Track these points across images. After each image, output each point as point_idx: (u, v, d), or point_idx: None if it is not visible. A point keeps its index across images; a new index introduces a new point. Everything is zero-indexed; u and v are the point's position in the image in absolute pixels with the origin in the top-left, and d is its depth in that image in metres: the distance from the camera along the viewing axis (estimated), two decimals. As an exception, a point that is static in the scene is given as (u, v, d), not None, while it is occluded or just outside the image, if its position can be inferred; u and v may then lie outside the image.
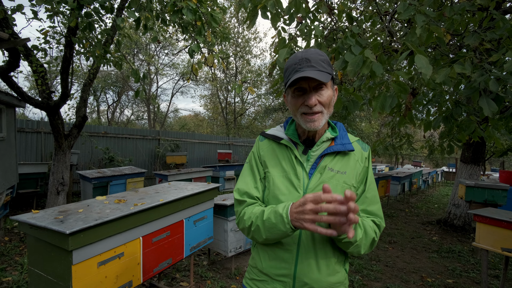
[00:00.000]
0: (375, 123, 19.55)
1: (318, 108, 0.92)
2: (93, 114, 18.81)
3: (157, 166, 9.02)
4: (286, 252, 0.96)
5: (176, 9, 2.15)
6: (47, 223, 1.61)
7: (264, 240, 0.95)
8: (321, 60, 0.92)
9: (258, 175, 1.06)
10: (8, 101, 3.81)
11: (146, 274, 2.06)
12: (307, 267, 0.94)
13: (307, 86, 0.91)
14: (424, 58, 1.51)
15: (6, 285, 2.76)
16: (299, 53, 0.94)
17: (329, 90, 0.95)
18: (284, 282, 0.96)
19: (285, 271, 0.96)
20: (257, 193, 1.03)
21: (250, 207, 1.01)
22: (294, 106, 0.96)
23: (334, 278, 0.96)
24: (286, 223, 0.85)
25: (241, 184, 1.06)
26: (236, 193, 1.06)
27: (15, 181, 4.31)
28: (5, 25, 3.40)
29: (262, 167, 1.06)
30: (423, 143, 4.88)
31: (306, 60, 0.90)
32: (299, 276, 0.94)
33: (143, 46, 15.50)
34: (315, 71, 0.88)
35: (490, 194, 4.37)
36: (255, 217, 0.96)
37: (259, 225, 0.93)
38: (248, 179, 1.06)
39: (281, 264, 0.96)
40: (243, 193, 1.04)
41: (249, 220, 0.97)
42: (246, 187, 1.04)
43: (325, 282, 0.94)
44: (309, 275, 0.94)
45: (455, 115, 2.80)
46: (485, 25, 2.20)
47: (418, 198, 9.83)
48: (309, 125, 0.93)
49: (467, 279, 3.47)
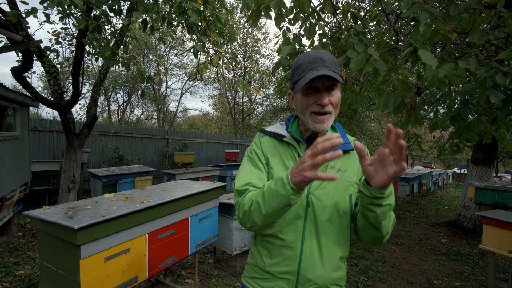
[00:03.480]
0: (385, 124, 19.29)
1: (329, 108, 0.92)
2: (104, 113, 19.16)
3: (166, 165, 9.13)
4: (289, 249, 0.96)
5: (181, 10, 2.20)
6: (56, 219, 1.67)
7: (263, 219, 0.88)
8: (333, 62, 0.92)
9: (263, 167, 1.02)
10: (22, 101, 3.94)
11: (151, 270, 2.11)
12: (311, 264, 0.94)
13: (320, 85, 0.91)
14: (428, 52, 1.50)
15: (19, 278, 2.86)
16: (312, 52, 0.94)
17: (339, 92, 0.96)
18: (288, 279, 0.96)
19: (289, 269, 0.95)
20: (261, 184, 0.98)
21: (251, 192, 0.95)
22: (304, 104, 0.94)
23: (337, 274, 0.97)
24: (286, 184, 0.80)
25: (243, 175, 1.01)
26: (238, 183, 1.00)
27: (29, 178, 4.45)
28: (19, 28, 3.52)
29: (265, 162, 1.03)
30: (433, 143, 4.81)
31: (321, 60, 0.90)
32: (303, 273, 0.94)
33: (152, 46, 15.71)
34: (331, 71, 0.88)
35: (500, 196, 4.27)
36: (255, 195, 0.91)
37: (259, 200, 0.87)
38: (250, 171, 1.01)
39: (284, 262, 0.96)
40: (245, 184, 0.98)
41: (249, 201, 0.91)
42: (249, 178, 0.99)
43: (329, 278, 0.95)
44: (314, 271, 0.94)
45: (463, 115, 2.75)
46: (493, 23, 2.16)
47: (427, 199, 9.66)
48: (318, 126, 0.92)
49: (475, 282, 3.41)
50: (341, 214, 0.97)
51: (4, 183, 3.45)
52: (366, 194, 0.83)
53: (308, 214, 0.96)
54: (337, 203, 0.97)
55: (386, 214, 0.85)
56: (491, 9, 2.02)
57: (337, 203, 0.97)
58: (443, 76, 1.68)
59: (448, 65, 1.65)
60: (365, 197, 0.84)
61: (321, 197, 0.96)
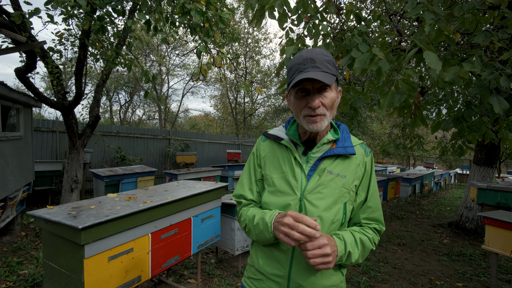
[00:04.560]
0: (387, 124, 19.25)
1: (321, 110, 0.90)
2: (106, 114, 19.22)
3: (167, 165, 9.15)
4: (281, 253, 0.97)
5: (184, 11, 2.20)
6: (60, 218, 1.68)
7: (256, 241, 1.03)
8: (326, 61, 0.89)
9: (254, 177, 1.09)
10: (25, 101, 3.96)
11: (154, 270, 2.11)
12: (301, 269, 0.94)
13: (310, 87, 0.89)
14: (433, 54, 1.50)
15: (22, 277, 2.88)
16: (304, 53, 0.92)
17: (333, 92, 0.92)
18: (279, 282, 0.97)
19: (280, 272, 0.96)
20: (251, 195, 1.08)
21: (245, 209, 1.07)
22: (297, 107, 0.93)
23: (328, 281, 0.96)
24: (270, 232, 0.91)
25: (238, 186, 1.13)
26: (234, 191, 1.13)
27: (32, 178, 4.47)
28: (23, 28, 3.53)
29: (259, 169, 1.08)
30: (435, 144, 4.80)
31: (310, 60, 0.88)
32: (293, 277, 0.95)
33: (154, 47, 15.75)
34: (320, 72, 0.86)
35: (503, 196, 4.26)
36: (248, 220, 1.01)
37: (251, 228, 1.00)
38: (244, 182, 1.11)
39: (276, 264, 0.97)
40: (239, 196, 1.10)
41: (243, 222, 1.05)
42: (242, 189, 1.10)
43: (319, 284, 0.94)
44: (303, 277, 0.94)
45: (467, 116, 2.74)
46: (497, 24, 2.16)
47: (429, 200, 9.64)
48: (311, 126, 0.91)
49: (477, 283, 3.40)
50: (333, 220, 0.95)
51: (8, 183, 3.46)
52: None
53: None
54: (331, 209, 0.95)
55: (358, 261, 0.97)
56: (495, 9, 2.02)
57: (330, 209, 0.95)
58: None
59: (454, 68, 1.65)
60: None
61: (314, 201, 0.94)
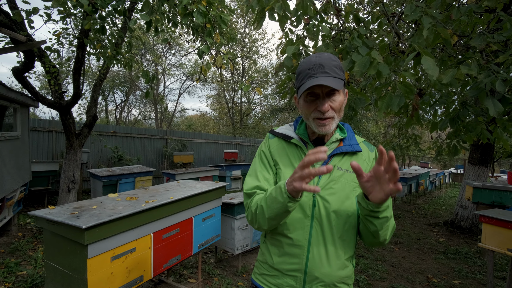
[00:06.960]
0: (382, 124, 19.41)
1: (330, 113, 0.94)
2: (101, 113, 19.08)
3: (165, 165, 9.13)
4: (297, 248, 0.99)
5: (187, 12, 2.21)
6: (63, 219, 1.69)
7: (267, 223, 0.95)
8: (334, 66, 0.93)
9: (270, 169, 1.07)
10: (23, 100, 3.93)
11: (156, 269, 2.12)
12: (318, 262, 0.97)
13: (320, 92, 0.93)
14: (431, 60, 1.53)
15: (21, 278, 2.86)
16: (313, 58, 0.95)
17: (341, 96, 0.97)
18: (296, 276, 0.99)
19: (297, 266, 0.98)
20: (268, 186, 1.04)
21: (258, 196, 1.02)
22: (306, 110, 0.98)
23: (343, 272, 1.00)
24: (283, 192, 0.87)
25: (251, 179, 1.07)
26: (246, 186, 1.06)
27: (28, 178, 4.44)
28: (19, 28, 3.51)
29: (273, 162, 1.08)
30: (431, 144, 4.86)
31: (320, 66, 0.92)
32: (310, 270, 0.97)
33: (150, 46, 15.68)
34: (329, 78, 0.90)
35: (497, 195, 4.34)
36: (260, 199, 0.98)
37: (263, 205, 0.95)
38: (258, 174, 1.06)
39: (292, 260, 0.99)
40: (253, 187, 1.04)
41: (255, 205, 0.99)
42: (257, 181, 1.05)
43: (336, 276, 0.98)
44: (320, 269, 0.97)
45: (462, 116, 2.79)
46: (492, 27, 2.20)
47: (425, 199, 9.75)
48: (321, 129, 0.95)
49: (473, 280, 3.46)
50: (348, 214, 0.99)
51: (5, 183, 3.44)
52: (363, 206, 0.89)
53: (315, 214, 0.98)
54: (344, 203, 0.99)
55: (383, 225, 0.92)
56: (491, 12, 2.06)
57: (343, 204, 0.99)
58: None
59: (451, 71, 1.68)
60: (363, 209, 0.91)
61: (327, 197, 0.98)
